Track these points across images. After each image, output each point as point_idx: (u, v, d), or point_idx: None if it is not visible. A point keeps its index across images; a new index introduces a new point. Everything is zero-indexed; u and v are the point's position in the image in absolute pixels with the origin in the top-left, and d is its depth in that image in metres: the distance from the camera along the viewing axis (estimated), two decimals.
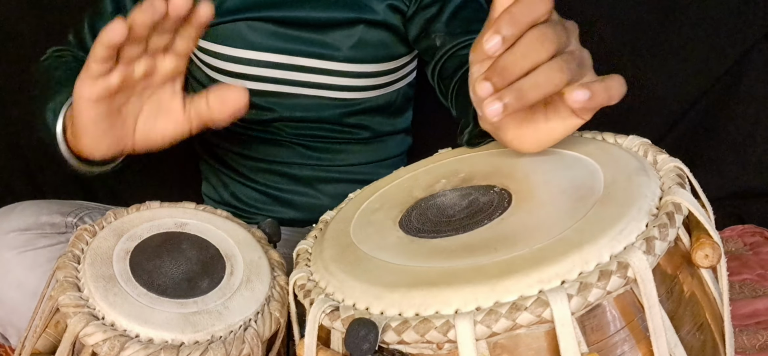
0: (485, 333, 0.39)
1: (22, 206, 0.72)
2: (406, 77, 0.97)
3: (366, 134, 0.95)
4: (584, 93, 0.44)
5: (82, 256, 0.54)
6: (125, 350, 0.47)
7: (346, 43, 0.87)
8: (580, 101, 0.44)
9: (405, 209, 0.54)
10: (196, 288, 0.53)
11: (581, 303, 0.38)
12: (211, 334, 0.50)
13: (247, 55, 0.87)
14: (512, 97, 0.44)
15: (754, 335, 0.85)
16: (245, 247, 0.59)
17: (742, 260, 1.03)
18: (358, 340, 0.40)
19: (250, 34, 0.87)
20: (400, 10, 0.88)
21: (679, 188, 0.44)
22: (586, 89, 0.44)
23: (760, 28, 1.13)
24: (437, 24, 0.84)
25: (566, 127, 0.51)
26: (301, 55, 0.88)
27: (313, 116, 0.91)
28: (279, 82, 0.89)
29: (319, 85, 0.89)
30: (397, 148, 1.00)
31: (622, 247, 0.40)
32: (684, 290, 0.44)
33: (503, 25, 0.44)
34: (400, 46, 0.91)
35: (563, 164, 0.52)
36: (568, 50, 0.45)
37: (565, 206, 0.46)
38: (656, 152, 0.50)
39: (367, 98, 0.92)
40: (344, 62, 0.88)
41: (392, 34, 0.89)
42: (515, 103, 0.44)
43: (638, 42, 1.15)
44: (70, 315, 0.49)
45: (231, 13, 0.86)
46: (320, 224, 0.58)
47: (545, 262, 0.40)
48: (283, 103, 0.90)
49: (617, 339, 0.41)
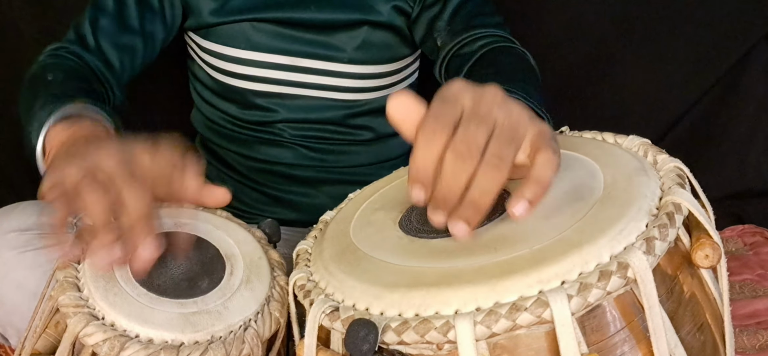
0: (485, 334, 0.39)
1: (22, 206, 0.72)
2: (409, 78, 0.97)
3: (368, 136, 0.95)
4: (523, 206, 0.43)
5: None
6: (125, 350, 0.47)
7: (351, 44, 0.87)
8: (522, 213, 0.43)
9: (405, 210, 0.53)
10: (196, 288, 0.53)
11: (581, 304, 0.38)
12: (211, 334, 0.50)
13: (251, 57, 0.87)
14: (470, 212, 0.43)
15: (754, 335, 0.85)
16: (245, 247, 0.59)
17: (742, 260, 1.03)
18: (358, 341, 0.40)
19: (255, 35, 0.87)
20: (405, 11, 0.88)
21: (679, 189, 0.44)
22: (524, 201, 0.43)
23: (760, 28, 1.12)
24: (439, 23, 0.85)
25: None
26: (305, 57, 0.88)
27: (316, 117, 0.91)
28: (282, 84, 0.89)
29: (322, 86, 0.89)
30: (399, 149, 1.00)
31: (622, 247, 0.40)
32: (684, 290, 0.44)
33: (415, 185, 0.43)
34: (404, 48, 0.91)
35: (563, 164, 0.52)
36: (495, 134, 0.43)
37: (565, 207, 0.46)
38: (656, 152, 0.50)
39: (370, 99, 0.92)
40: (348, 64, 0.88)
41: (396, 35, 0.89)
42: (476, 215, 0.43)
43: (638, 42, 1.15)
44: (70, 315, 0.49)
45: (235, 13, 0.86)
46: (320, 225, 0.58)
47: (545, 262, 0.40)
48: (286, 104, 0.90)
49: (617, 340, 0.41)
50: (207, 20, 0.87)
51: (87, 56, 0.83)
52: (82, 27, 0.85)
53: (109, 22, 0.84)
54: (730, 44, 1.13)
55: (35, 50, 1.14)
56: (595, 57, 1.16)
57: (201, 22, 0.88)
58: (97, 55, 0.83)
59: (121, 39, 0.85)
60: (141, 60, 0.87)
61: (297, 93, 0.90)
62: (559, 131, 0.60)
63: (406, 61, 0.93)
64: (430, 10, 0.86)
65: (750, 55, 1.14)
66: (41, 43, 1.13)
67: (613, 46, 1.15)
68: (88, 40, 0.84)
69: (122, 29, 0.85)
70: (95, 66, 0.82)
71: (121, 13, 0.85)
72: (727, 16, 1.12)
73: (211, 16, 0.87)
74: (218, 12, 0.86)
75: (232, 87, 0.90)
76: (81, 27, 0.85)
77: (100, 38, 0.84)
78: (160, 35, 0.89)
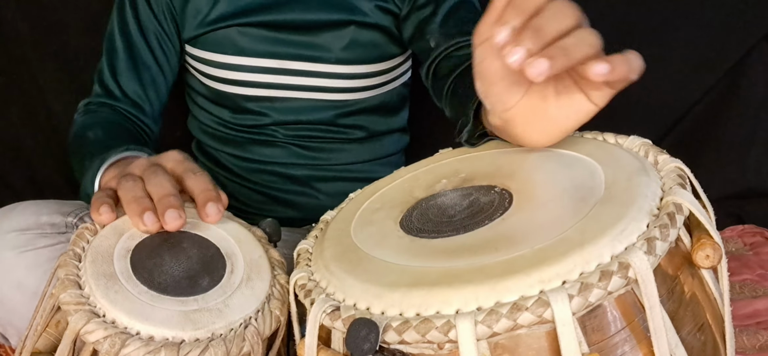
0: (486, 333, 0.39)
1: (22, 206, 0.72)
2: (401, 77, 0.97)
3: (361, 134, 0.95)
4: (605, 66, 0.42)
5: (83, 254, 0.54)
6: (126, 347, 0.47)
7: (338, 44, 0.87)
8: (602, 74, 0.42)
9: (406, 209, 0.54)
10: (196, 286, 0.53)
11: (582, 303, 0.38)
12: (211, 332, 0.50)
13: (240, 62, 0.88)
14: (558, 52, 0.41)
15: (755, 335, 0.85)
16: (245, 246, 0.59)
17: (742, 260, 1.03)
18: (358, 340, 0.40)
19: (241, 40, 0.87)
20: (392, 11, 0.88)
21: (680, 189, 0.44)
22: (606, 63, 0.42)
23: (760, 28, 1.13)
24: (432, 25, 0.84)
25: (579, 115, 0.49)
26: (293, 59, 0.88)
27: (307, 118, 0.91)
28: (272, 87, 0.89)
29: (311, 87, 0.89)
30: (394, 146, 1.00)
31: (623, 247, 0.40)
32: (685, 290, 0.44)
33: (510, 14, 0.43)
34: (393, 47, 0.91)
35: (564, 164, 0.52)
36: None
37: (566, 206, 0.46)
38: (657, 153, 0.50)
39: (361, 98, 0.92)
40: (336, 64, 0.88)
41: (384, 34, 0.89)
42: (563, 59, 0.41)
43: (638, 42, 1.14)
44: (71, 312, 0.49)
45: (222, 20, 0.87)
46: (321, 224, 0.58)
47: (546, 262, 0.40)
48: (276, 107, 0.91)
49: (618, 340, 0.41)
50: (195, 31, 0.88)
51: (118, 106, 0.89)
52: (105, 79, 0.90)
53: (126, 67, 0.90)
54: (730, 44, 1.13)
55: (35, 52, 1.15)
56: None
57: (191, 34, 0.89)
58: (126, 102, 0.89)
59: (142, 78, 0.90)
60: (165, 88, 0.93)
61: (286, 96, 0.90)
62: None
63: (396, 61, 0.93)
64: (421, 12, 0.86)
65: (750, 55, 1.14)
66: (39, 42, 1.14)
67: (613, 47, 1.15)
68: (113, 91, 0.89)
69: (139, 68, 0.90)
70: (128, 113, 0.89)
71: (132, 53, 0.90)
72: (727, 16, 1.12)
73: (199, 26, 0.88)
74: (205, 21, 0.88)
75: (223, 93, 0.91)
76: (104, 80, 0.90)
77: (124, 86, 0.89)
78: (173, 58, 0.93)
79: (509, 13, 0.43)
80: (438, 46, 0.82)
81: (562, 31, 0.43)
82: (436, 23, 0.84)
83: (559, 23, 0.42)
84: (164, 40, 0.91)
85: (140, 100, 0.90)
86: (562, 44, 0.42)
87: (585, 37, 0.43)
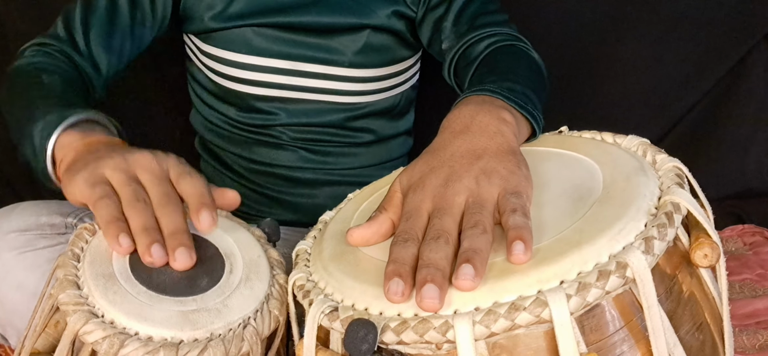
0: (484, 333, 0.39)
1: (22, 207, 0.72)
2: (410, 80, 0.97)
3: (369, 137, 0.95)
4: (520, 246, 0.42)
5: (81, 254, 0.54)
6: (125, 348, 0.47)
7: (352, 48, 0.88)
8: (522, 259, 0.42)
9: None
10: (195, 287, 0.53)
11: (580, 303, 0.38)
12: (210, 332, 0.50)
13: (253, 61, 0.87)
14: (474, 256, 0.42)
15: (754, 335, 0.84)
16: (244, 246, 0.59)
17: (741, 260, 1.03)
18: (357, 340, 0.40)
19: (255, 39, 0.87)
20: (407, 15, 0.88)
21: (678, 188, 0.44)
22: (521, 243, 0.42)
23: (760, 28, 1.12)
24: (445, 23, 0.85)
25: None
26: (306, 61, 0.88)
27: (316, 120, 0.91)
28: (282, 88, 0.89)
29: (323, 90, 0.89)
30: (399, 150, 1.00)
31: (621, 247, 0.40)
32: (683, 290, 0.44)
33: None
34: (404, 50, 0.91)
35: (562, 164, 0.52)
36: (471, 213, 0.45)
37: (564, 206, 0.46)
38: (655, 152, 0.50)
39: (370, 101, 0.92)
40: (348, 67, 0.88)
41: (397, 38, 0.90)
42: (481, 265, 0.42)
43: (638, 42, 1.15)
44: (70, 312, 0.49)
45: (236, 18, 0.86)
46: (319, 225, 0.58)
47: (544, 262, 0.40)
48: (286, 108, 0.90)
49: (616, 339, 0.41)
50: (208, 25, 0.87)
51: (77, 59, 0.82)
52: (73, 26, 0.83)
53: (100, 25, 0.83)
54: (730, 44, 1.13)
55: None
56: (595, 57, 1.16)
57: (201, 27, 0.87)
58: (87, 59, 0.83)
59: (111, 42, 0.84)
60: (126, 60, 0.87)
61: (297, 97, 0.90)
62: (558, 131, 0.59)
63: (406, 64, 0.93)
64: (434, 12, 0.87)
65: (750, 55, 1.14)
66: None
67: (613, 47, 1.15)
68: (78, 43, 0.83)
69: (112, 32, 0.84)
70: (85, 70, 0.82)
71: (112, 15, 0.84)
72: (727, 16, 1.12)
73: (212, 21, 0.86)
74: (219, 17, 0.86)
75: (231, 90, 0.90)
76: (72, 26, 0.83)
77: (91, 42, 0.83)
78: (147, 38, 0.88)
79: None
80: (451, 48, 0.83)
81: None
82: (449, 21, 0.85)
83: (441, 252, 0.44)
84: (148, 16, 0.86)
85: (101, 62, 0.83)
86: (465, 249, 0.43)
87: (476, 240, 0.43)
